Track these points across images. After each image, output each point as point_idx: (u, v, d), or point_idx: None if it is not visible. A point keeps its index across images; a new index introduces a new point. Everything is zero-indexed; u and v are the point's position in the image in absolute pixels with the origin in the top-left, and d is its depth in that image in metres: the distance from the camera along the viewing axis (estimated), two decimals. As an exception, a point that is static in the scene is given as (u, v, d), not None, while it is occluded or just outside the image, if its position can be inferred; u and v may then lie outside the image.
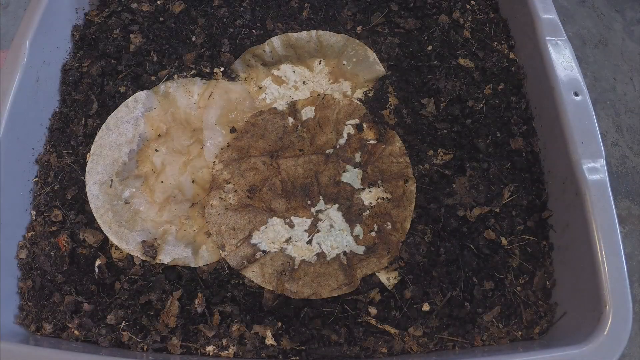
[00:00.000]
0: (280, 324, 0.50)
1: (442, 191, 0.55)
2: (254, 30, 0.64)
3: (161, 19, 0.66)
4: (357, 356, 0.49)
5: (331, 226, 0.54)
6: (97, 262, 0.53)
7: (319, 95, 0.61)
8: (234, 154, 0.57)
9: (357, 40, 0.62)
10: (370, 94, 0.61)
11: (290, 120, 0.60)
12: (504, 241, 0.53)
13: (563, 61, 0.54)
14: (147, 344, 0.49)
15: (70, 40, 0.65)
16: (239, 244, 0.53)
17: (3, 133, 0.52)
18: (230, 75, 0.62)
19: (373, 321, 0.50)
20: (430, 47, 0.63)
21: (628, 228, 1.18)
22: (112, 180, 0.56)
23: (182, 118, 0.60)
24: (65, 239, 0.54)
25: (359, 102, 0.60)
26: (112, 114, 0.59)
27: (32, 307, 0.52)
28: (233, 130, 0.59)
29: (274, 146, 0.58)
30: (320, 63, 0.63)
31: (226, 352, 0.49)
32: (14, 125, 0.54)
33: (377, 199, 0.55)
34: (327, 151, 0.58)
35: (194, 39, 0.64)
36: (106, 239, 0.54)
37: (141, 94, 0.60)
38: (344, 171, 0.56)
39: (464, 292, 0.51)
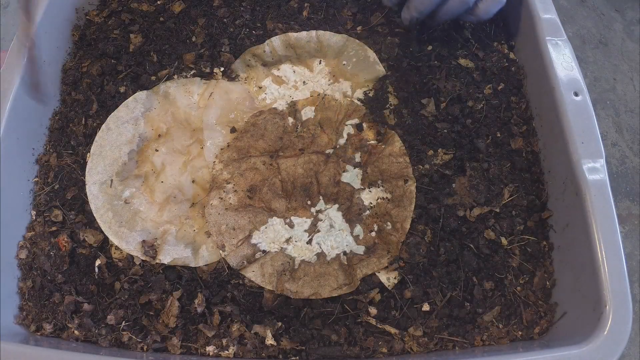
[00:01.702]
0: (280, 324, 0.50)
1: (442, 191, 0.55)
2: (254, 30, 0.64)
3: (161, 19, 0.66)
4: (357, 356, 0.49)
5: (331, 226, 0.54)
6: (97, 262, 0.53)
7: (319, 95, 0.61)
8: (234, 154, 0.57)
9: (357, 40, 0.62)
10: (370, 94, 0.61)
11: (290, 120, 0.60)
12: (504, 241, 0.53)
13: (563, 61, 0.54)
14: (147, 344, 0.49)
15: (70, 40, 0.65)
16: (239, 244, 0.53)
17: (3, 133, 0.52)
18: (230, 75, 0.62)
19: (373, 321, 0.50)
20: (430, 47, 0.63)
21: (628, 228, 1.18)
22: (112, 180, 0.56)
23: (182, 118, 0.60)
24: (65, 239, 0.54)
25: (359, 102, 0.60)
26: (112, 114, 0.59)
27: (32, 307, 0.52)
28: (233, 130, 0.59)
29: (274, 146, 0.58)
30: (320, 63, 0.63)
31: (226, 352, 0.49)
32: (14, 125, 0.54)
33: (377, 199, 0.55)
34: (327, 151, 0.58)
35: (194, 39, 0.64)
36: (106, 239, 0.54)
37: (141, 94, 0.60)
38: (344, 171, 0.56)
39: (464, 292, 0.51)
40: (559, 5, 1.45)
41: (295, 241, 0.53)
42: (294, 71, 0.63)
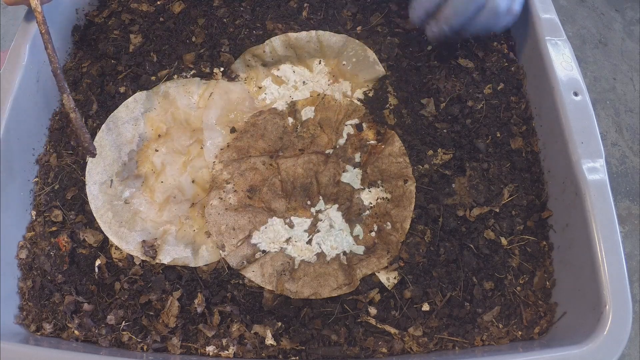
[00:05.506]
0: (280, 324, 0.50)
1: (442, 191, 0.55)
2: (254, 31, 0.64)
3: (161, 19, 0.66)
4: (357, 356, 0.49)
5: (331, 226, 0.54)
6: (97, 262, 0.53)
7: (318, 95, 0.61)
8: (234, 154, 0.57)
9: (357, 40, 0.62)
10: (370, 94, 0.61)
11: (290, 120, 0.60)
12: (503, 241, 0.53)
13: (563, 61, 0.54)
14: (147, 344, 0.49)
15: (70, 41, 0.65)
16: (238, 244, 0.53)
17: (3, 133, 0.52)
18: (230, 76, 0.62)
19: (373, 321, 0.50)
20: (430, 47, 0.63)
21: (628, 228, 1.18)
22: (112, 180, 0.56)
23: (182, 118, 0.60)
24: (65, 239, 0.54)
25: (358, 102, 0.60)
26: (112, 114, 0.59)
27: (32, 307, 0.52)
28: (233, 130, 0.59)
29: (273, 146, 0.58)
30: (320, 63, 0.63)
31: (226, 352, 0.49)
32: (14, 125, 0.54)
33: (377, 199, 0.55)
34: (327, 151, 0.58)
35: (193, 39, 0.64)
36: (106, 239, 0.54)
37: (141, 94, 0.60)
38: (343, 171, 0.56)
39: (464, 292, 0.51)
40: (559, 5, 1.45)
41: (295, 241, 0.53)
42: (294, 71, 0.63)
